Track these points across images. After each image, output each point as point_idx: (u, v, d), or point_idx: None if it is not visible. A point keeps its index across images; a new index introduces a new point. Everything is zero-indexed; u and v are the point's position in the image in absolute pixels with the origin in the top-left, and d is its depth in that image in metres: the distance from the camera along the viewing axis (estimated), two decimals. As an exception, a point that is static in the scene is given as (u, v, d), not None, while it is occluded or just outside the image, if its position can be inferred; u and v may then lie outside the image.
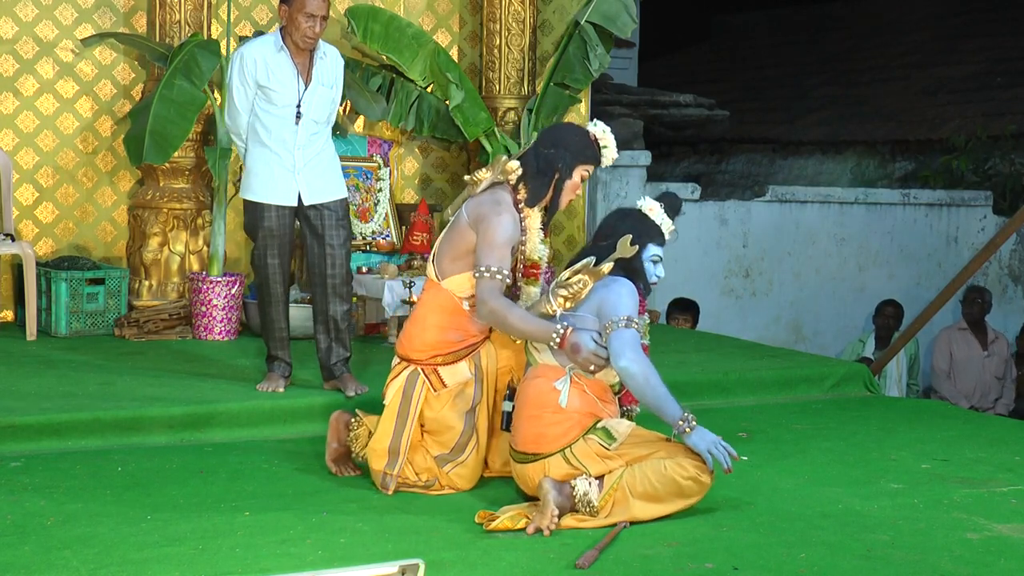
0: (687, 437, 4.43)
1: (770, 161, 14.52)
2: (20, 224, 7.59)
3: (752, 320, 10.08)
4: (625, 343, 4.48)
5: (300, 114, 5.76)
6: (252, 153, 5.85)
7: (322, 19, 5.69)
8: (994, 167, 12.07)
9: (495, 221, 4.68)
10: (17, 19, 7.61)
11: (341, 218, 5.88)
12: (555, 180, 4.82)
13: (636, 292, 4.64)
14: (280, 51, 5.75)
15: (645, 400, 4.52)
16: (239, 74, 5.81)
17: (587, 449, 4.50)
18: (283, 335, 5.97)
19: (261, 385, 5.91)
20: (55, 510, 4.37)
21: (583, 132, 4.91)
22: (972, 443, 5.83)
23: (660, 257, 4.80)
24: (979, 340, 9.84)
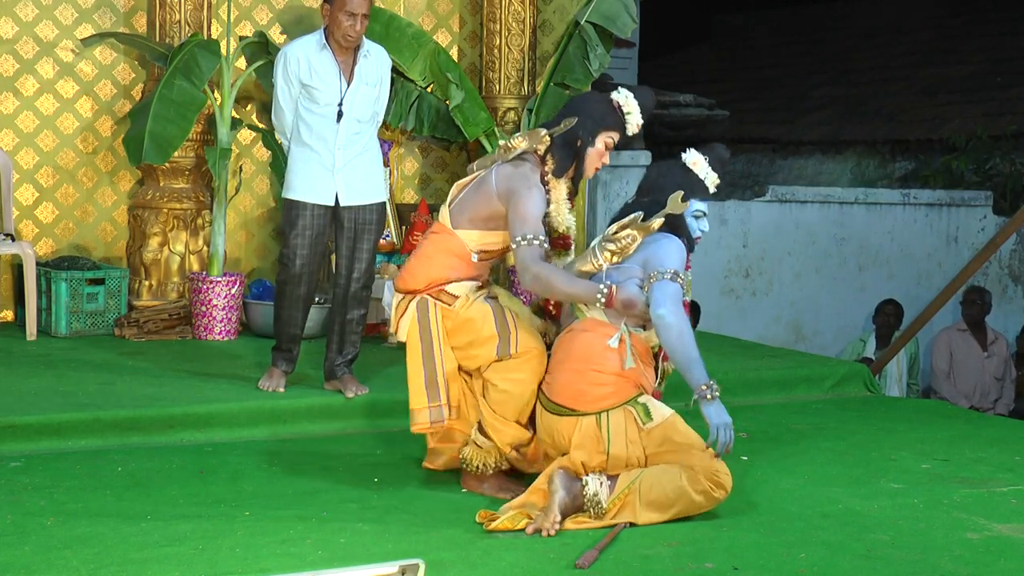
0: (705, 405, 4.41)
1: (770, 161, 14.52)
2: (20, 224, 7.59)
3: (752, 320, 10.07)
4: (667, 294, 4.45)
5: (342, 113, 5.78)
6: (294, 152, 5.87)
7: (363, 17, 5.70)
8: (994, 167, 12.07)
9: (525, 195, 4.64)
10: (17, 19, 7.60)
11: (376, 222, 5.90)
12: (578, 149, 4.78)
13: (683, 249, 4.63)
14: (323, 50, 5.78)
15: (675, 357, 4.48)
16: (283, 73, 5.85)
17: (620, 421, 4.46)
18: (295, 332, 5.97)
19: (262, 383, 5.91)
20: (55, 510, 4.37)
21: (605, 99, 4.86)
22: (972, 443, 5.83)
23: (704, 212, 4.78)
24: (979, 341, 9.84)
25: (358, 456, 5.28)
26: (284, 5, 8.07)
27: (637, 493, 4.39)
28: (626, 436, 4.46)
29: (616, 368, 4.50)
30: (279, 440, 5.53)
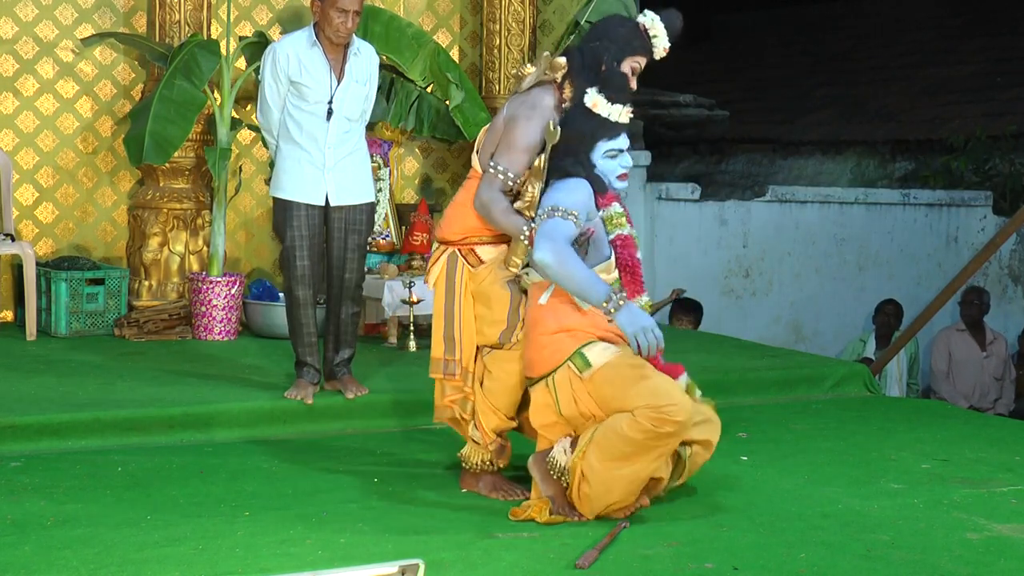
0: (615, 318, 4.28)
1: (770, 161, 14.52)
2: (20, 224, 7.59)
3: (752, 320, 10.08)
4: (542, 234, 4.29)
5: (332, 111, 5.72)
6: (283, 151, 5.82)
7: (355, 14, 5.66)
8: (994, 167, 12.07)
9: (522, 125, 4.53)
10: (17, 19, 7.60)
11: (365, 222, 5.85)
12: (603, 74, 4.59)
13: (583, 187, 4.44)
14: (313, 47, 5.73)
15: (570, 291, 4.34)
16: (271, 70, 5.78)
17: (564, 378, 4.35)
18: (312, 340, 5.86)
19: (289, 392, 5.79)
20: (55, 510, 4.37)
21: (631, 23, 4.71)
22: (972, 443, 5.83)
23: (619, 149, 4.51)
24: (977, 341, 9.84)
25: (358, 456, 5.27)
26: (284, 5, 8.07)
27: (594, 447, 4.30)
28: (571, 391, 4.35)
29: (555, 326, 4.39)
30: (279, 440, 5.52)
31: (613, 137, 4.48)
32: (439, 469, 5.08)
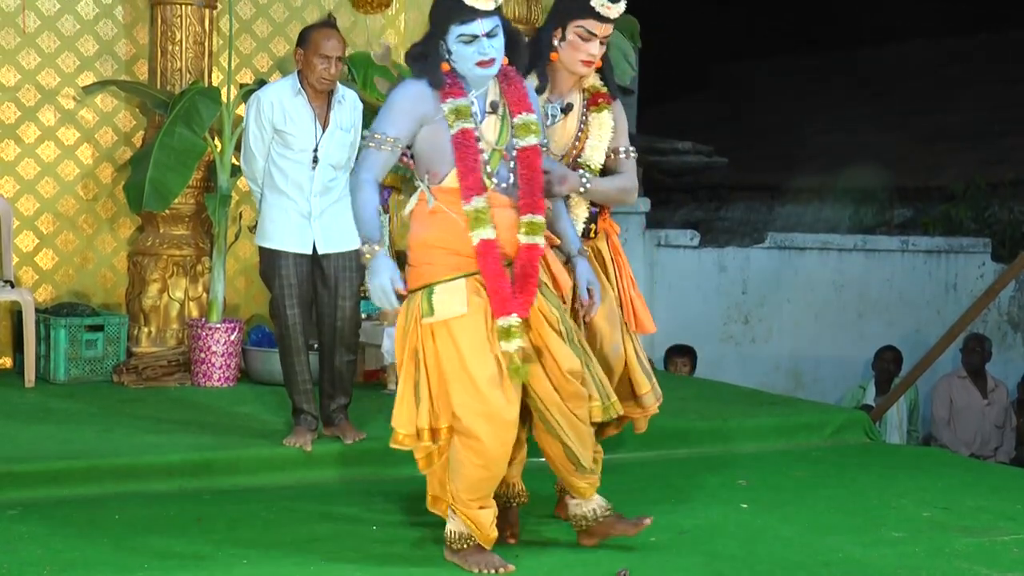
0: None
1: (769, 208, 14.56)
2: (20, 271, 7.59)
3: (751, 367, 10.07)
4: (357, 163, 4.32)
5: (317, 159, 5.72)
6: (268, 199, 5.82)
7: (337, 60, 5.67)
8: (993, 215, 12.10)
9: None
10: (20, 67, 7.64)
11: (355, 269, 5.82)
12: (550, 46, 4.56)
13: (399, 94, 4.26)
14: (297, 95, 5.74)
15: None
16: (255, 118, 5.79)
17: (405, 307, 4.21)
18: (307, 387, 5.83)
19: (288, 439, 5.74)
20: (52, 559, 4.35)
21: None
22: (973, 491, 5.81)
23: (472, 35, 4.18)
24: (979, 388, 9.83)
25: (357, 504, 5.25)
26: (284, 53, 8.11)
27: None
28: (405, 324, 4.23)
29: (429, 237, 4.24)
30: (278, 488, 5.50)
31: (466, 21, 4.16)
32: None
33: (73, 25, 7.74)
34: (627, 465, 6.11)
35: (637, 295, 4.81)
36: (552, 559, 4.49)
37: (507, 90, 4.34)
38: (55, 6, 7.69)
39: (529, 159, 4.28)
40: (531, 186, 4.27)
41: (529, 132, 4.29)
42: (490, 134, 4.29)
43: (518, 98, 4.32)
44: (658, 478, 5.84)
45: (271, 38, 8.14)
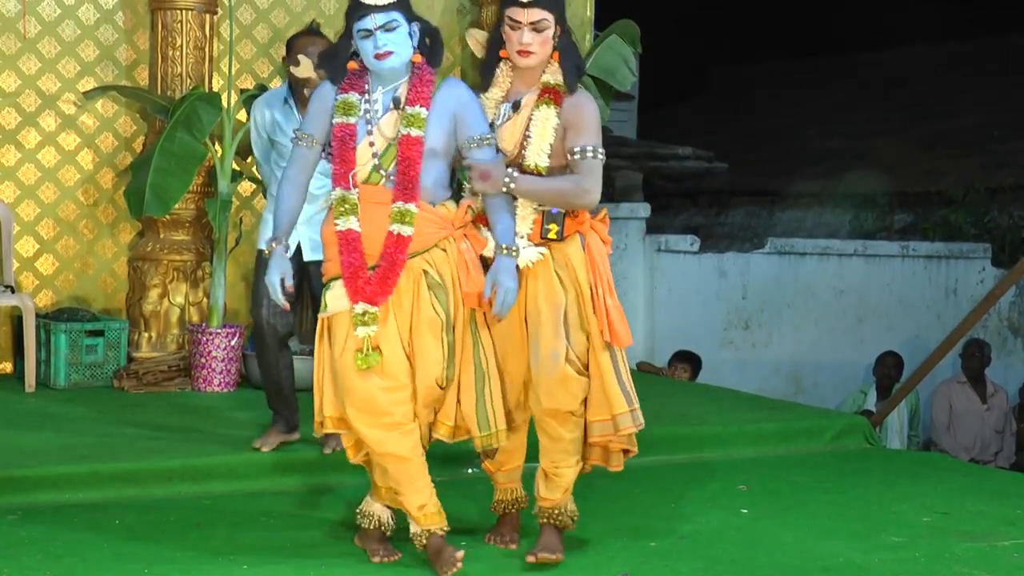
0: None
1: (769, 213, 14.57)
2: (20, 276, 7.59)
3: (752, 372, 10.07)
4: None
5: None
6: (268, 203, 5.83)
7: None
8: (992, 220, 12.11)
9: None
10: (20, 72, 7.65)
11: None
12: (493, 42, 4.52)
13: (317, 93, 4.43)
14: (285, 104, 5.76)
15: None
16: (254, 126, 5.88)
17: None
18: (277, 388, 5.82)
19: (256, 441, 5.76)
20: (52, 564, 4.35)
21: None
22: (973, 496, 5.81)
23: (367, 30, 4.29)
24: (979, 393, 9.82)
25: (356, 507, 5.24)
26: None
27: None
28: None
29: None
30: (278, 492, 5.50)
31: (361, 17, 4.30)
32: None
33: (74, 30, 7.75)
34: (627, 470, 6.08)
35: (615, 305, 4.48)
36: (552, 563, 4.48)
37: (415, 85, 4.39)
38: (56, 11, 7.70)
39: (407, 150, 4.34)
40: (405, 176, 4.33)
41: (412, 124, 4.35)
42: (388, 129, 4.36)
43: (416, 93, 4.38)
44: (658, 483, 5.84)
45: (272, 43, 8.14)
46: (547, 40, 4.39)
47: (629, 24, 8.24)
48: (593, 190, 4.41)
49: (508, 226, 4.38)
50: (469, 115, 4.40)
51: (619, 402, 4.44)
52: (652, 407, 7.17)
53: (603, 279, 4.46)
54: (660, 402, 7.40)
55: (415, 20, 4.40)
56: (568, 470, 4.51)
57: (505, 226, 4.38)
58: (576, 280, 4.43)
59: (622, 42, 8.14)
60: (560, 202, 4.40)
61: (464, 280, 4.36)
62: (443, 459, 5.58)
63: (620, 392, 4.45)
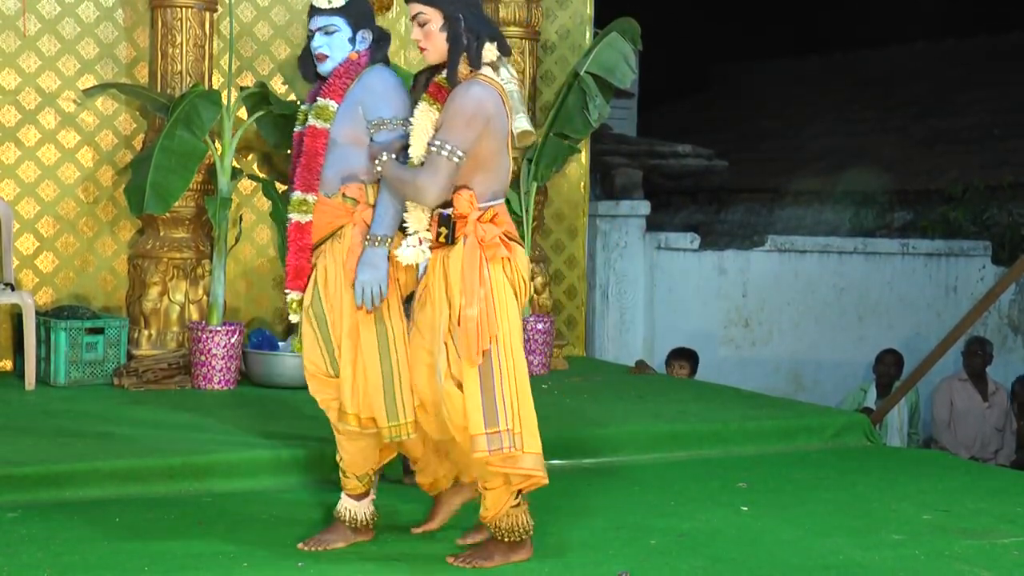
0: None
1: (769, 211, 14.56)
2: (20, 274, 7.59)
3: (752, 370, 10.07)
4: None
5: None
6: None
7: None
8: (992, 217, 12.11)
9: None
10: (20, 70, 7.64)
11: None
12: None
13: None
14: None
15: None
16: None
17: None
18: None
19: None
20: (52, 561, 4.35)
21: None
22: (973, 494, 5.81)
23: (311, 31, 4.54)
24: (980, 391, 9.82)
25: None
26: (286, 56, 8.12)
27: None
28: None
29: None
30: (278, 490, 5.50)
31: (309, 18, 4.55)
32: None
33: (73, 28, 7.74)
34: (627, 468, 6.11)
35: (468, 318, 4.23)
36: (553, 561, 4.49)
37: (332, 79, 4.52)
38: (55, 9, 7.70)
39: (310, 141, 4.47)
40: (306, 166, 4.48)
41: (319, 116, 4.46)
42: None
43: (330, 86, 4.49)
44: (658, 481, 5.84)
45: (272, 41, 8.14)
46: (431, 33, 4.35)
47: (629, 21, 8.25)
48: (427, 187, 4.24)
49: (380, 215, 4.39)
50: (370, 100, 4.45)
51: (475, 422, 4.23)
52: (652, 405, 7.22)
53: (468, 288, 4.27)
54: (660, 399, 7.42)
55: (365, 27, 4.51)
56: (490, 491, 4.38)
57: (378, 215, 4.39)
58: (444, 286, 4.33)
59: (622, 39, 8.15)
60: (403, 194, 4.35)
61: (345, 272, 4.43)
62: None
63: (479, 411, 4.23)
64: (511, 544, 4.41)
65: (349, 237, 4.43)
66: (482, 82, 4.31)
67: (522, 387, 4.30)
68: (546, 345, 8.19)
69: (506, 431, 4.22)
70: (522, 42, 8.46)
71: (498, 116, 4.33)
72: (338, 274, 4.44)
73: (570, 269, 9.09)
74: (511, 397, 4.25)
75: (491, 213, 4.36)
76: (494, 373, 4.25)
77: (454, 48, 4.32)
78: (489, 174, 4.38)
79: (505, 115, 4.39)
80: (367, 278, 4.34)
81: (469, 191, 4.32)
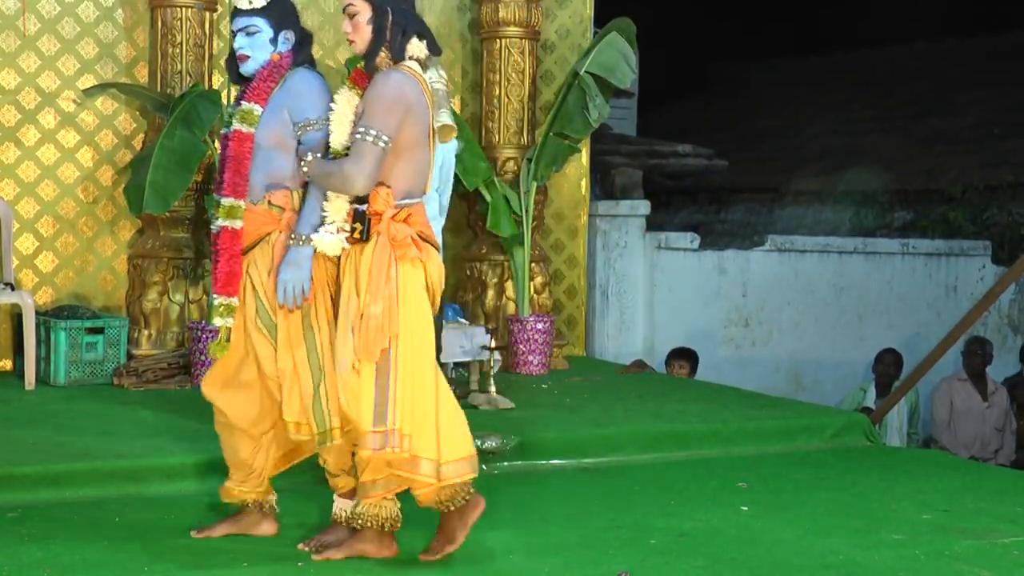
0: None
1: (769, 210, 14.57)
2: (20, 273, 7.59)
3: (752, 370, 10.06)
4: None
5: None
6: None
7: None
8: (991, 217, 12.11)
9: None
10: (20, 70, 7.64)
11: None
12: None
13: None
14: None
15: None
16: None
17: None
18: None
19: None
20: (52, 561, 4.35)
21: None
22: (973, 494, 5.81)
23: (232, 33, 4.52)
24: (979, 391, 9.81)
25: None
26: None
27: None
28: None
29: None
30: (277, 489, 5.48)
31: (232, 18, 4.52)
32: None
33: (73, 28, 7.74)
34: (627, 468, 6.11)
35: (371, 315, 4.23)
36: (553, 561, 4.49)
37: (256, 83, 4.48)
38: (55, 9, 7.70)
39: (235, 145, 4.44)
40: (234, 171, 4.45)
41: (243, 120, 4.44)
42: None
43: (254, 90, 4.46)
44: (658, 481, 5.84)
45: (271, 41, 8.13)
46: (359, 25, 4.36)
47: (626, 22, 8.25)
48: (354, 175, 4.22)
49: (306, 215, 4.36)
50: (295, 103, 4.42)
51: (365, 419, 4.24)
52: (652, 405, 7.21)
53: (372, 287, 4.26)
54: (660, 399, 7.41)
55: (287, 28, 4.48)
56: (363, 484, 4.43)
57: (304, 214, 4.37)
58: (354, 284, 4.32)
59: (622, 39, 8.15)
60: (331, 187, 4.31)
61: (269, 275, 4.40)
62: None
63: (371, 408, 4.23)
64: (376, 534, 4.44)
65: (277, 245, 4.39)
66: (403, 70, 4.33)
67: (420, 390, 4.29)
68: (546, 345, 8.19)
69: (393, 431, 4.22)
70: (522, 42, 8.47)
71: (419, 104, 4.31)
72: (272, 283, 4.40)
73: (570, 269, 9.09)
74: (405, 398, 4.24)
75: (405, 213, 4.32)
76: (390, 372, 4.24)
77: (376, 39, 4.33)
78: (408, 167, 4.33)
79: (426, 106, 4.36)
80: (289, 277, 4.31)
81: (387, 188, 4.30)
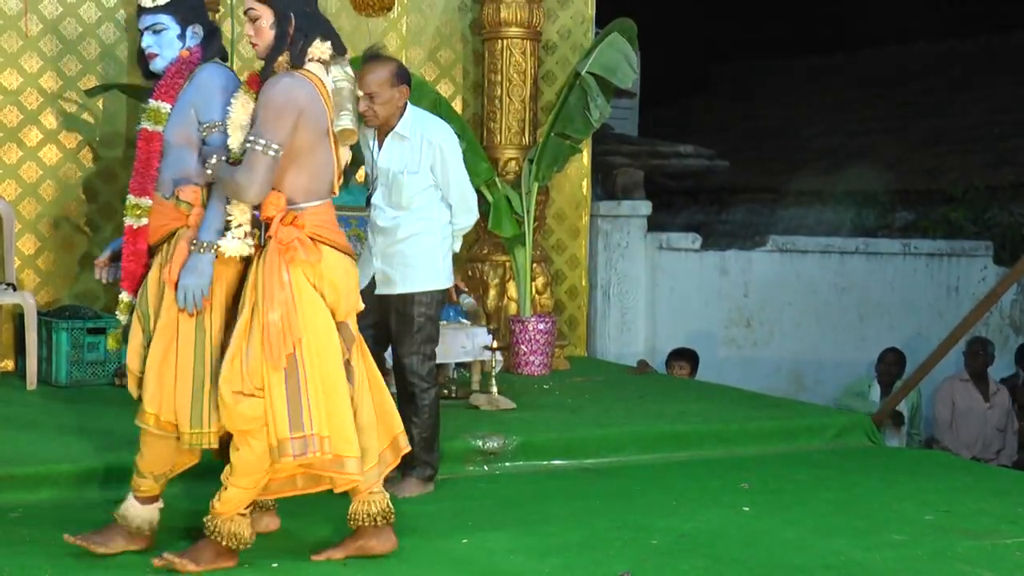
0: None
1: (770, 211, 14.57)
2: (22, 274, 7.59)
3: (753, 370, 10.06)
4: None
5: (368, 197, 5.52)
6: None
7: (375, 96, 5.27)
8: (993, 217, 12.11)
9: None
10: (22, 70, 7.65)
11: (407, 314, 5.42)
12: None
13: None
14: (367, 128, 5.39)
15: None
16: None
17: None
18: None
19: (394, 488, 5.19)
20: (53, 562, 4.35)
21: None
22: (975, 494, 5.81)
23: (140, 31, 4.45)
24: (981, 391, 9.81)
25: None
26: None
27: None
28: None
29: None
30: (279, 491, 5.49)
31: (138, 16, 4.46)
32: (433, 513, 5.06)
33: (75, 28, 7.74)
34: (628, 468, 6.11)
35: (270, 323, 4.19)
36: (555, 561, 4.49)
37: (164, 80, 4.44)
38: (57, 9, 7.70)
39: (142, 144, 4.41)
40: (140, 171, 4.44)
41: (150, 118, 4.40)
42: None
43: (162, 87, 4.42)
44: (659, 481, 5.84)
45: (273, 41, 8.14)
46: (261, 29, 4.35)
47: (627, 22, 8.24)
48: (245, 184, 4.19)
49: (209, 220, 4.31)
50: (202, 101, 4.37)
51: (281, 427, 4.21)
52: (653, 405, 7.21)
53: (267, 293, 4.22)
54: (661, 399, 7.41)
55: (194, 22, 4.45)
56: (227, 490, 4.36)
57: (207, 220, 4.31)
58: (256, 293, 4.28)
59: (623, 40, 8.14)
60: (228, 194, 4.28)
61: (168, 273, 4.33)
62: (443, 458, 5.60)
63: (285, 416, 4.21)
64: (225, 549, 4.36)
65: (181, 240, 4.34)
66: (294, 74, 4.30)
67: (332, 391, 4.28)
68: (548, 345, 8.19)
69: (312, 435, 4.21)
70: (523, 42, 8.47)
71: (312, 108, 4.28)
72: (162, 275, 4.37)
73: (571, 269, 9.09)
74: (318, 401, 4.23)
75: (291, 216, 4.28)
76: (299, 377, 4.22)
77: (276, 45, 4.33)
78: (302, 171, 4.31)
79: (322, 109, 4.33)
80: (190, 283, 4.25)
81: (278, 193, 4.27)
